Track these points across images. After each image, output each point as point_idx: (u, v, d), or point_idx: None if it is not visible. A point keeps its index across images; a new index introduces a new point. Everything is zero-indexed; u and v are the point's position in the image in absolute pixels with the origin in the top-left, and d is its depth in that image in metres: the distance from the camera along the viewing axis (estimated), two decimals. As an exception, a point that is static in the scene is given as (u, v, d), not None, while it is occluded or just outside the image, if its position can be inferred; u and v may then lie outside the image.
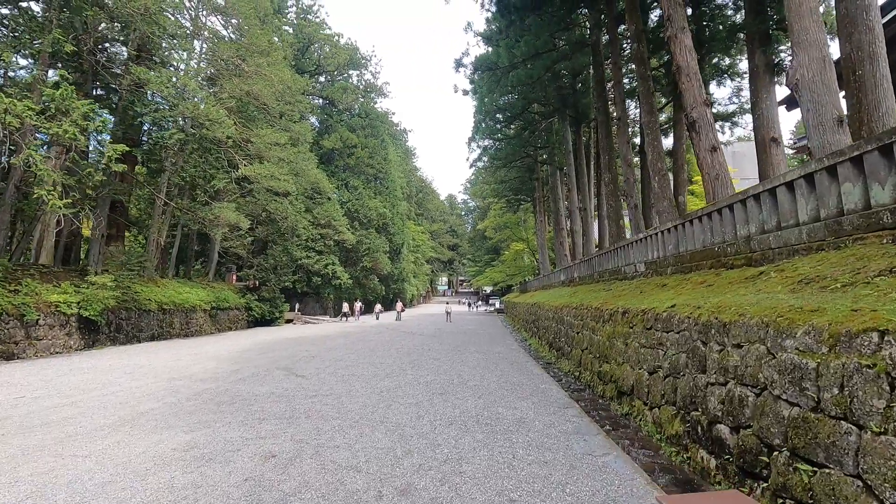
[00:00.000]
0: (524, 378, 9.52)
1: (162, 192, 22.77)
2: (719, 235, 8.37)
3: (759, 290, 5.48)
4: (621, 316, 8.78)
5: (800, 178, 6.21)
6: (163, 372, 10.21)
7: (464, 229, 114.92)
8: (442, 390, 8.08)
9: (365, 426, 5.76)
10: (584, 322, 11.59)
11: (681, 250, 9.97)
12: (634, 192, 17.90)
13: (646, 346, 7.31)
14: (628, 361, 7.97)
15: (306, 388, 8.31)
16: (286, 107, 30.06)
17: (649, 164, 15.01)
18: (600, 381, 9.40)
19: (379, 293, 50.64)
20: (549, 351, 15.38)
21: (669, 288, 8.88)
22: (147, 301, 19.14)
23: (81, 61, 16.96)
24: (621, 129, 18.51)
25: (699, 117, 11.36)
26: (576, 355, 11.63)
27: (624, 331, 8.45)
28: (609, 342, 9.15)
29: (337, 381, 8.92)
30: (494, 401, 7.32)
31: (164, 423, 5.98)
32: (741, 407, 4.50)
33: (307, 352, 14.03)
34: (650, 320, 7.34)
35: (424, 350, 14.73)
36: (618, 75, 18.81)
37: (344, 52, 48.14)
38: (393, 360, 12.05)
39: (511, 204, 51.63)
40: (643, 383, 7.15)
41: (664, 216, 14.23)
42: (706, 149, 11.26)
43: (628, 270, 13.35)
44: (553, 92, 27.88)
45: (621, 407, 7.91)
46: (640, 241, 12.52)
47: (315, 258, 39.11)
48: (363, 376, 9.56)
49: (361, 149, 47.50)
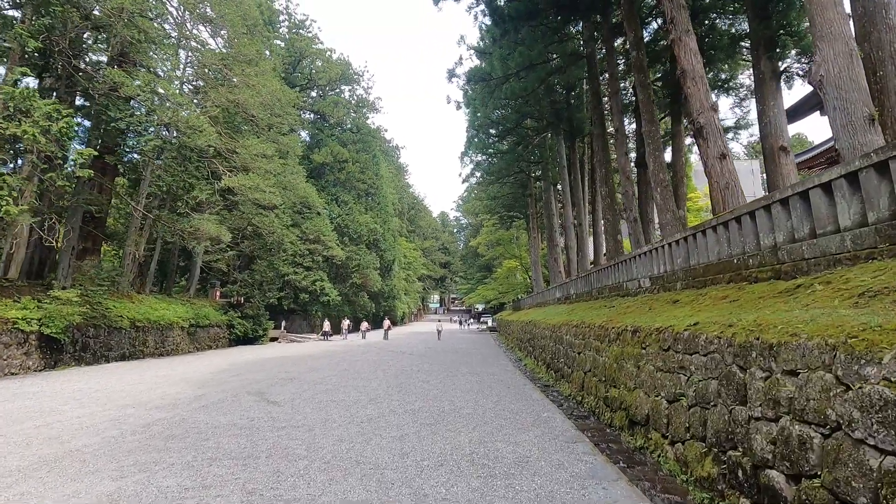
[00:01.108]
0: (523, 405, 8.56)
1: (140, 203, 21.75)
2: (738, 246, 7.57)
3: (807, 306, 4.63)
4: (631, 335, 7.90)
5: (839, 178, 5.44)
6: (118, 397, 9.11)
7: (456, 247, 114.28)
8: (431, 420, 7.10)
9: (337, 469, 4.77)
10: (585, 342, 10.69)
11: (692, 263, 9.17)
12: (633, 205, 17.23)
13: (663, 369, 6.42)
14: (641, 387, 7.06)
15: (276, 417, 7.30)
16: (275, 119, 29.31)
17: (650, 176, 14.36)
18: (607, 407, 8.47)
19: (369, 310, 49.42)
20: (547, 372, 14.42)
21: (683, 304, 8.05)
22: (118, 318, 17.95)
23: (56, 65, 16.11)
24: (619, 141, 17.94)
25: (707, 123, 10.72)
26: (577, 378, 10.69)
27: (635, 352, 7.56)
28: (617, 364, 8.25)
29: (313, 409, 7.90)
30: (491, 433, 6.36)
31: (93, 465, 4.95)
32: (803, 450, 3.60)
33: (286, 373, 12.94)
34: (667, 340, 6.47)
35: (413, 371, 13.71)
36: (614, 86, 18.31)
37: (336, 66, 47.84)
38: (378, 384, 11.03)
39: (504, 220, 51.05)
40: (661, 413, 6.24)
41: (668, 229, 13.51)
42: (715, 156, 10.60)
43: (631, 286, 12.53)
44: (547, 106, 27.48)
45: (634, 439, 6.97)
46: (645, 254, 11.73)
47: (303, 274, 37.97)
48: (343, 402, 8.54)
49: (352, 164, 46.83)
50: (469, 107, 27.13)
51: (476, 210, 64.51)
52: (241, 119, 26.34)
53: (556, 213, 33.94)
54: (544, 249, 44.06)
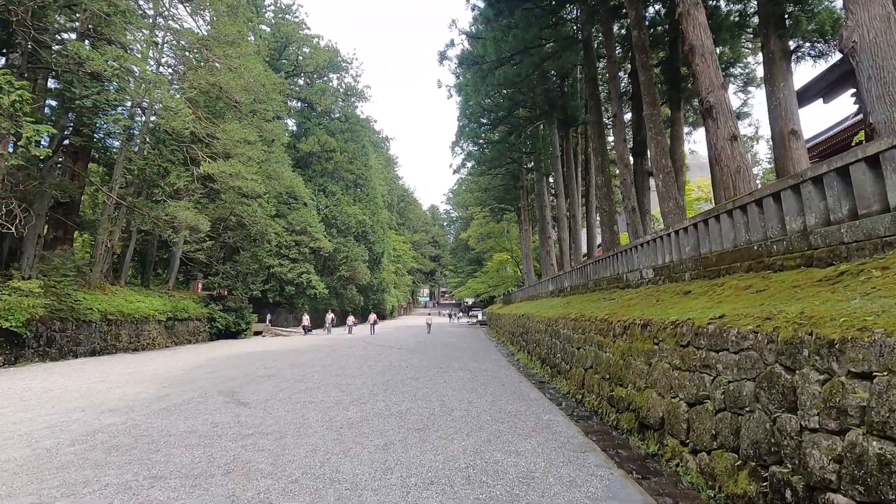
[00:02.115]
0: (521, 405, 7.82)
1: (114, 189, 20.57)
2: (759, 231, 6.87)
3: (866, 294, 3.91)
4: (640, 329, 7.19)
5: (889, 149, 4.73)
6: (70, 398, 8.19)
7: (446, 240, 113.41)
8: (420, 424, 6.34)
9: (306, 491, 3.97)
10: (586, 336, 9.99)
11: (702, 252, 8.48)
12: (632, 194, 16.55)
13: (682, 368, 5.70)
14: (654, 387, 6.35)
15: (244, 422, 6.47)
16: (258, 105, 28.16)
17: (652, 162, 13.67)
18: (612, 407, 7.77)
19: (358, 304, 48.48)
20: (542, 368, 13.74)
21: (696, 295, 7.35)
22: (88, 311, 16.88)
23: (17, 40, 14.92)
24: (617, 128, 17.23)
25: (717, 102, 10.01)
26: (577, 375, 10.00)
27: (645, 348, 6.85)
28: (624, 361, 7.54)
29: (287, 411, 7.09)
30: (488, 440, 5.60)
31: (10, 486, 4.10)
32: (886, 474, 2.87)
33: (265, 370, 12.07)
34: (686, 335, 5.75)
35: (402, 368, 12.92)
36: (613, 70, 17.59)
37: (324, 53, 46.50)
38: (363, 382, 10.22)
39: (495, 213, 50.26)
40: (679, 417, 5.53)
41: (671, 217, 12.85)
42: (725, 137, 9.90)
43: (632, 278, 11.86)
44: (540, 94, 26.70)
45: (645, 444, 6.27)
46: (647, 244, 11.04)
47: (289, 266, 36.89)
48: (323, 404, 7.73)
49: (340, 153, 45.66)
50: (461, 93, 26.24)
51: (467, 202, 63.67)
52: (223, 104, 25.18)
53: (548, 205, 33.24)
54: (536, 242, 43.41)
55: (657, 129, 13.57)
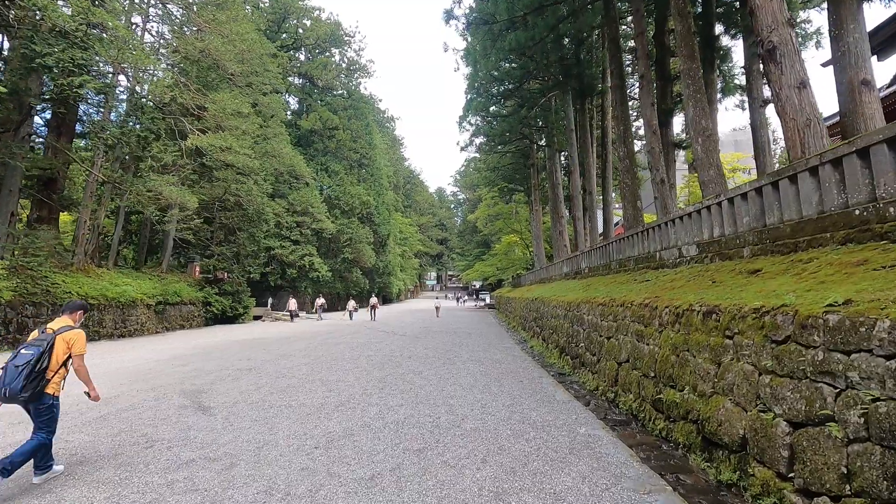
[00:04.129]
0: (547, 410, 6.34)
1: (97, 164, 19.16)
2: (861, 192, 5.26)
3: None
4: (702, 318, 5.64)
5: None
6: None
7: (453, 223, 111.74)
8: (421, 441, 4.88)
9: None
10: (618, 324, 8.46)
11: (770, 221, 6.88)
12: (660, 164, 14.82)
13: (777, 372, 4.17)
14: (727, 393, 4.83)
15: (192, 438, 5.09)
16: (255, 77, 26.44)
17: (689, 124, 11.94)
18: (659, 413, 6.28)
19: (363, 287, 47.23)
20: (562, 358, 12.27)
21: (773, 275, 5.77)
22: (66, 294, 15.60)
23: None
24: (645, 90, 15.39)
25: (781, 42, 8.27)
26: (608, 369, 8.50)
27: (711, 342, 5.31)
28: (677, 357, 6.02)
29: (254, 421, 5.68)
30: (512, 470, 4.12)
31: None
32: None
33: (247, 361, 10.69)
34: (784, 327, 4.20)
35: (403, 358, 11.50)
36: (640, 25, 15.67)
37: (325, 26, 44.43)
38: (356, 377, 8.79)
39: (504, 193, 48.38)
40: (775, 440, 4.02)
41: (712, 186, 11.18)
42: (791, 85, 8.17)
43: (667, 256, 10.27)
44: (555, 62, 24.71)
45: (715, 468, 4.78)
46: (689, 216, 9.43)
47: (290, 248, 35.57)
48: (301, 409, 6.30)
49: (343, 131, 43.90)
50: (469, 61, 24.33)
51: (475, 183, 61.76)
52: (216, 76, 23.53)
53: (560, 184, 31.46)
54: (546, 223, 41.62)
55: (696, 87, 11.80)
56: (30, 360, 3.84)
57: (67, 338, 4.14)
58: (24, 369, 3.80)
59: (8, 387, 3.76)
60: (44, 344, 4.00)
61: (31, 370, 3.82)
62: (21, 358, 3.88)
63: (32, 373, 3.82)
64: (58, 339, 4.08)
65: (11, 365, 3.85)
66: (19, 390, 3.76)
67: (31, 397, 3.84)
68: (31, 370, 3.82)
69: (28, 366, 3.82)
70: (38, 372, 3.86)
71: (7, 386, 3.77)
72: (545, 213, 41.88)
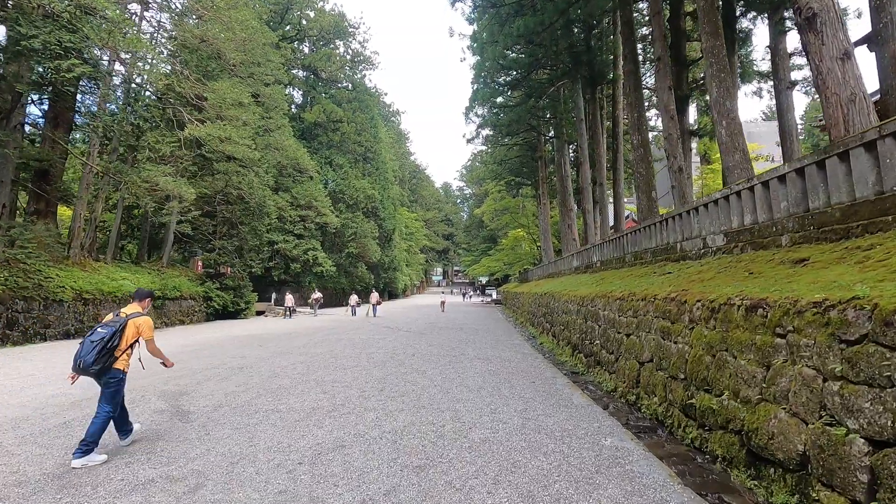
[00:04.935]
0: (564, 417, 5.66)
1: (93, 156, 18.66)
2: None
3: None
4: (745, 313, 4.93)
5: None
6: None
7: (459, 218, 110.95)
8: (422, 456, 4.19)
9: None
10: (639, 320, 7.76)
11: (814, 206, 6.15)
12: (678, 151, 14.05)
13: (851, 379, 3.47)
14: (781, 402, 4.14)
15: (158, 452, 4.44)
16: (256, 68, 25.81)
17: (713, 105, 11.15)
18: (690, 419, 5.60)
19: (368, 282, 46.66)
20: (574, 356, 11.59)
21: (825, 264, 5.05)
22: (59, 289, 15.12)
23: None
24: (661, 73, 14.59)
25: (822, 10, 7.49)
26: (628, 369, 7.81)
27: (757, 340, 4.61)
28: (714, 358, 5.32)
29: (234, 430, 5.03)
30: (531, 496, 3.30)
31: None
32: None
33: (241, 359, 10.07)
34: (858, 325, 3.51)
35: (406, 357, 10.86)
36: (656, 5, 14.84)
37: (328, 16, 43.69)
38: (355, 377, 8.15)
39: (511, 187, 47.55)
40: (849, 461, 3.33)
41: (737, 171, 10.41)
42: (834, 56, 7.40)
43: (689, 247, 9.54)
44: (564, 49, 23.86)
45: (765, 489, 4.10)
46: (715, 203, 8.69)
47: (293, 242, 35.03)
48: (290, 414, 5.65)
49: (348, 124, 43.21)
50: (475, 45, 23.54)
51: (481, 177, 60.95)
52: (216, 65, 22.94)
53: (569, 176, 30.65)
54: (554, 217, 40.79)
55: (720, 66, 11.01)
56: (103, 338, 4.34)
57: (137, 323, 4.65)
58: (98, 345, 4.29)
59: (83, 359, 4.26)
60: (117, 325, 4.48)
61: (104, 347, 4.31)
62: (97, 335, 4.37)
63: (104, 349, 4.31)
64: (129, 323, 4.57)
65: (88, 340, 4.36)
66: (91, 363, 4.24)
67: (101, 370, 4.31)
68: (104, 347, 4.31)
69: (101, 342, 4.31)
70: (108, 349, 4.35)
71: (82, 358, 4.26)
72: (553, 206, 41.04)
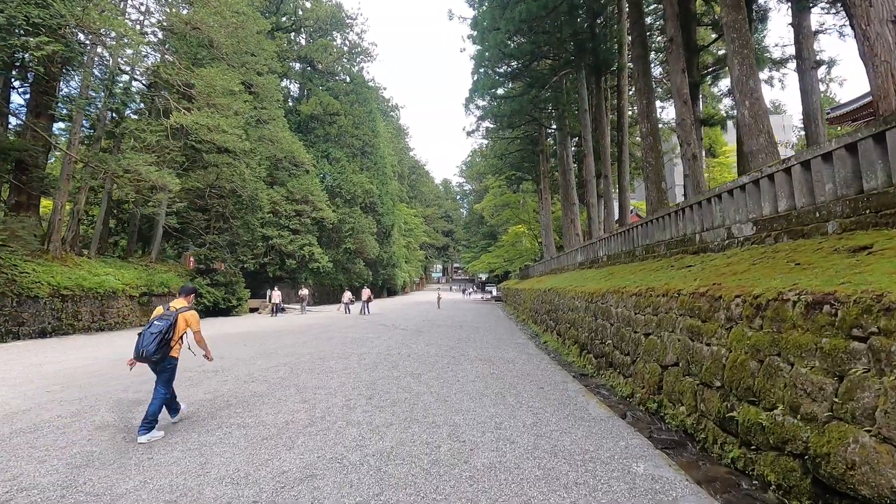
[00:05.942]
0: (582, 432, 4.79)
1: (73, 145, 17.78)
2: None
3: None
4: (804, 310, 4.08)
5: None
6: None
7: (459, 214, 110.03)
8: (411, 491, 3.24)
9: None
10: (661, 318, 6.91)
11: (868, 187, 5.30)
12: (692, 138, 13.17)
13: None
14: (862, 422, 3.30)
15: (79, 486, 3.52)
16: (249, 57, 24.87)
17: (735, 84, 10.27)
18: (729, 435, 4.75)
19: (366, 279, 45.80)
20: (582, 357, 10.74)
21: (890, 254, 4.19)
22: (34, 284, 14.26)
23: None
24: (674, 55, 13.70)
25: (869, -34, 6.60)
26: (647, 372, 6.96)
27: (827, 345, 3.76)
28: (760, 363, 4.47)
29: (184, 453, 4.14)
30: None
31: None
32: None
33: (219, 361, 9.08)
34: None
35: (401, 358, 10.01)
36: (669, -19, 13.90)
37: (325, 7, 42.67)
38: (341, 382, 7.28)
39: (511, 182, 46.62)
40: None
41: (761, 156, 9.54)
42: (883, 19, 6.55)
43: (711, 238, 8.68)
44: (568, 37, 22.93)
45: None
46: (740, 189, 7.83)
47: (289, 238, 34.14)
48: (257, 430, 4.76)
49: (345, 117, 42.26)
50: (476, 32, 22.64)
51: (481, 172, 59.95)
52: (206, 53, 22.03)
53: (571, 169, 29.72)
54: (556, 212, 39.90)
55: (742, 41, 10.12)
56: (161, 330, 4.85)
57: (186, 316, 5.15)
58: (157, 337, 4.80)
59: (145, 349, 4.75)
60: (171, 318, 4.99)
61: (162, 338, 4.83)
62: (155, 328, 4.87)
63: (163, 340, 4.83)
64: (179, 317, 5.07)
65: (147, 332, 4.85)
66: (153, 352, 4.75)
67: (160, 358, 4.84)
68: (162, 338, 4.83)
69: (160, 334, 4.82)
70: (166, 340, 4.87)
71: (144, 348, 4.76)
72: (555, 201, 40.15)
